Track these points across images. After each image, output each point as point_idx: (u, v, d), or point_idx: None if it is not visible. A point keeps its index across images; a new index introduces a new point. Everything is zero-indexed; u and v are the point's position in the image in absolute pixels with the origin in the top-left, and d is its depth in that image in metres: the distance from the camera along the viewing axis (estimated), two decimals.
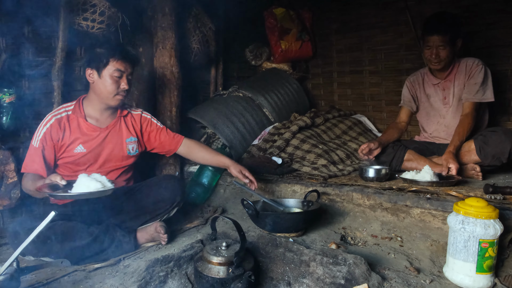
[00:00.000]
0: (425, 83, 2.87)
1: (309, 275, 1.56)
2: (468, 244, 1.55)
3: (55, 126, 2.05)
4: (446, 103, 2.78)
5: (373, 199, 2.23)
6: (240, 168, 2.32)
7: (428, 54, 2.63)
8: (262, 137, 3.26)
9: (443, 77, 2.75)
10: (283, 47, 4.00)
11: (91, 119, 2.16)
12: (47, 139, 2.03)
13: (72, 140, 2.09)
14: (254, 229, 2.03)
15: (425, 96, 2.87)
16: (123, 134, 2.25)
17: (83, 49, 2.56)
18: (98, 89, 2.09)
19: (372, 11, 3.88)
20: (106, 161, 2.19)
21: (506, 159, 2.34)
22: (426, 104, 2.88)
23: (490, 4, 3.19)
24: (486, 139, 2.40)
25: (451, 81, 2.72)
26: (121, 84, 2.09)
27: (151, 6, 2.88)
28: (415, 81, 2.91)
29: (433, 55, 2.59)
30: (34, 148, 2.02)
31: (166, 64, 2.87)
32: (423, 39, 2.65)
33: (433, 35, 2.55)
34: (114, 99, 2.11)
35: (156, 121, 2.42)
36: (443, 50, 2.57)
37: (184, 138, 2.45)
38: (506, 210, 1.86)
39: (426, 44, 2.61)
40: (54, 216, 1.44)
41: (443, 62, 2.61)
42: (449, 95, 2.76)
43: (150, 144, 2.41)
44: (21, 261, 1.76)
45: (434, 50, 2.57)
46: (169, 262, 1.59)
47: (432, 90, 2.83)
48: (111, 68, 2.06)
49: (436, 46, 2.56)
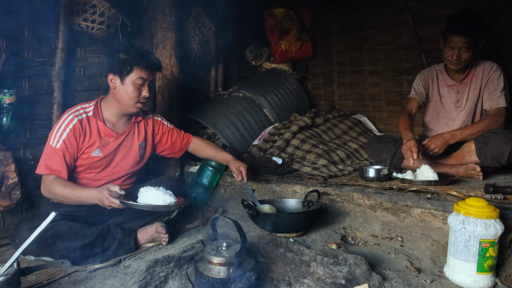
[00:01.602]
0: (439, 81, 2.76)
1: (309, 275, 1.56)
2: (469, 244, 1.54)
3: (77, 127, 2.02)
4: (458, 106, 2.69)
5: (374, 199, 2.23)
6: (238, 164, 2.32)
7: (449, 54, 2.50)
8: (262, 137, 3.26)
9: (459, 79, 2.65)
10: (283, 47, 4.00)
11: (109, 123, 2.14)
12: (71, 139, 1.99)
13: (91, 143, 2.07)
14: (255, 229, 2.03)
15: (438, 95, 2.77)
16: (136, 140, 2.25)
17: (105, 53, 2.51)
18: (120, 95, 2.07)
19: (372, 11, 3.88)
20: (117, 166, 2.19)
21: (505, 161, 2.31)
22: (437, 104, 2.78)
23: (490, 4, 3.19)
24: (486, 140, 2.38)
25: (466, 84, 2.63)
26: (143, 92, 2.07)
27: (151, 6, 2.89)
28: (429, 76, 2.79)
29: (454, 56, 2.46)
30: (54, 149, 1.96)
31: (166, 64, 2.87)
32: (445, 37, 2.51)
33: (458, 35, 2.40)
34: (135, 106, 2.10)
35: (166, 122, 2.43)
36: (465, 52, 2.44)
37: (193, 137, 2.50)
38: (506, 210, 1.85)
39: (448, 43, 2.48)
40: (55, 217, 1.44)
41: (463, 64, 2.51)
42: (462, 99, 2.66)
43: (161, 146, 2.42)
44: (22, 261, 1.76)
45: (456, 52, 2.44)
46: (169, 263, 1.59)
47: (445, 91, 2.73)
48: (134, 76, 2.03)
49: (459, 48, 2.43)
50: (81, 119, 2.05)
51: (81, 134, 2.03)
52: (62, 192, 1.90)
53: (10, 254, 1.84)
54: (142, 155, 2.30)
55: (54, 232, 1.81)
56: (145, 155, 2.33)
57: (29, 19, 2.36)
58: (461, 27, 2.40)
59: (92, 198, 1.86)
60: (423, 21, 3.54)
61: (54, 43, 2.49)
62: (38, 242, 1.69)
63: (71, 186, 1.92)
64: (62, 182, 1.93)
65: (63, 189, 1.90)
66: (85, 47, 2.69)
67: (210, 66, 3.62)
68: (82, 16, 2.46)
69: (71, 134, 1.99)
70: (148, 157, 2.35)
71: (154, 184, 2.19)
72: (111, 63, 2.07)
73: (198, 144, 2.49)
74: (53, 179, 1.93)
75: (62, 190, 1.90)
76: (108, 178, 2.17)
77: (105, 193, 1.81)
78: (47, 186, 1.94)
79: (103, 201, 1.82)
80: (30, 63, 2.44)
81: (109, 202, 1.81)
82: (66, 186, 1.91)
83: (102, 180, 2.15)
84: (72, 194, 1.89)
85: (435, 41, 3.46)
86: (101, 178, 2.15)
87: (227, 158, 2.42)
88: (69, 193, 1.89)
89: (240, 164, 2.32)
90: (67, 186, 1.91)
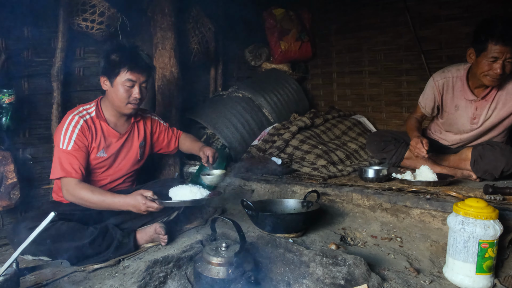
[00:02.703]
0: (456, 91, 2.45)
1: (309, 275, 1.56)
2: (468, 244, 1.55)
3: (85, 127, 2.02)
4: (473, 123, 2.45)
5: (373, 200, 2.23)
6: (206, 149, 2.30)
7: (491, 67, 2.15)
8: (262, 137, 3.26)
9: (480, 95, 2.37)
10: (282, 47, 4.00)
11: (111, 124, 2.15)
12: (82, 139, 1.99)
13: (97, 143, 2.08)
14: (254, 229, 2.03)
15: (453, 107, 2.50)
16: (137, 139, 2.27)
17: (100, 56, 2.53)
18: (111, 97, 2.07)
19: (372, 11, 3.89)
20: (119, 165, 2.20)
21: (498, 175, 2.29)
22: (451, 116, 2.53)
23: (490, 4, 3.19)
24: (483, 152, 2.33)
25: (488, 101, 2.36)
26: (133, 93, 2.06)
27: (151, 6, 2.88)
28: (443, 86, 2.49)
29: (498, 69, 2.12)
30: (67, 152, 1.94)
31: (166, 64, 2.87)
32: (482, 47, 2.15)
33: (505, 45, 2.07)
34: (126, 108, 2.10)
35: (162, 121, 2.46)
36: (510, 64, 2.12)
37: (182, 133, 2.53)
38: (505, 210, 1.86)
39: (489, 54, 2.13)
40: (54, 217, 1.44)
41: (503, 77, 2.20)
42: (480, 116, 2.41)
43: (159, 145, 2.44)
44: (21, 261, 1.76)
45: (501, 64, 2.11)
46: (168, 263, 1.59)
47: (463, 104, 2.45)
48: (122, 78, 2.02)
49: (505, 59, 2.11)
50: (86, 120, 2.05)
51: (89, 134, 2.04)
52: (91, 198, 1.89)
53: (9, 254, 1.83)
54: (142, 154, 2.32)
55: (52, 232, 1.81)
56: (145, 154, 2.35)
57: (29, 19, 2.36)
58: (508, 34, 2.07)
59: (125, 206, 1.88)
60: (423, 21, 3.54)
61: (53, 43, 2.49)
62: (37, 242, 1.69)
63: (99, 191, 1.92)
64: (89, 187, 1.92)
65: (92, 195, 1.89)
66: (85, 47, 2.69)
67: (210, 66, 3.62)
68: (81, 16, 2.46)
69: (81, 134, 1.99)
70: (147, 155, 2.38)
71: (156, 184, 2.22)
72: (102, 65, 2.07)
73: (182, 139, 2.52)
74: (77, 182, 1.91)
75: (91, 196, 1.89)
76: (110, 178, 2.18)
77: (140, 199, 1.84)
78: (72, 190, 1.91)
79: (140, 207, 1.85)
80: (30, 63, 2.43)
81: (146, 207, 1.85)
82: (95, 191, 1.91)
83: (105, 179, 2.17)
84: (102, 201, 1.89)
85: (434, 42, 3.50)
86: (104, 178, 2.16)
87: (199, 145, 2.40)
88: (98, 199, 1.88)
89: (207, 148, 2.31)
90: (95, 192, 1.90)
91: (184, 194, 1.94)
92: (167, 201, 1.90)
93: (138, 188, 2.20)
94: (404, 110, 3.78)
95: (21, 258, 1.83)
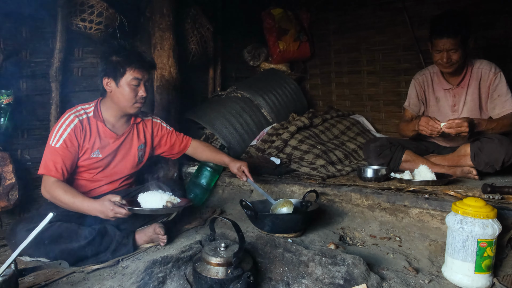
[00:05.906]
0: (434, 84, 2.70)
1: (308, 275, 1.56)
2: (467, 244, 1.55)
3: (78, 127, 2.01)
4: (454, 110, 2.64)
5: (372, 199, 2.24)
6: (239, 164, 2.32)
7: (438, 58, 2.45)
8: (261, 137, 3.26)
9: (455, 83, 2.60)
10: (281, 47, 4.00)
11: (109, 124, 2.14)
12: (72, 139, 1.98)
13: (91, 144, 2.06)
14: (253, 229, 2.03)
15: (434, 99, 2.72)
16: (136, 142, 2.25)
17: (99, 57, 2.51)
18: (117, 98, 2.06)
19: (370, 11, 3.89)
20: (116, 167, 2.18)
21: (499, 167, 2.30)
22: (434, 108, 2.74)
23: (488, 4, 3.20)
24: (482, 145, 2.35)
25: (463, 87, 2.57)
26: (139, 92, 2.06)
27: (149, 7, 2.88)
28: (424, 82, 2.74)
29: (444, 59, 2.42)
30: (54, 149, 1.94)
31: (164, 65, 2.86)
32: (431, 41, 2.47)
33: (443, 38, 2.36)
34: (133, 107, 2.09)
35: (165, 124, 2.43)
36: (454, 53, 2.39)
37: (192, 139, 2.49)
38: (504, 209, 1.86)
39: (435, 48, 2.44)
40: (52, 217, 1.44)
41: (456, 65, 2.45)
42: (459, 103, 2.61)
43: (160, 148, 2.42)
44: (19, 262, 1.76)
45: (445, 54, 2.40)
46: (167, 263, 1.58)
47: (442, 94, 2.67)
48: (128, 77, 2.02)
49: (447, 50, 2.39)
50: (82, 119, 2.04)
51: (82, 134, 2.02)
52: (62, 198, 1.87)
53: (7, 256, 1.83)
54: (141, 157, 2.30)
55: (51, 233, 1.80)
56: (144, 157, 2.33)
57: (27, 19, 2.35)
58: (445, 28, 2.35)
59: (93, 211, 1.83)
60: (421, 21, 3.55)
61: (52, 43, 2.49)
62: (35, 243, 1.69)
63: (72, 193, 1.88)
64: (64, 187, 1.90)
65: (64, 194, 1.87)
66: (83, 47, 2.68)
67: (208, 66, 3.62)
68: (80, 16, 2.45)
69: (72, 133, 1.98)
70: (147, 159, 2.35)
71: (153, 185, 2.20)
72: (104, 67, 2.05)
73: (196, 147, 2.48)
74: (55, 181, 1.90)
75: (63, 195, 1.87)
76: (106, 180, 2.16)
77: (108, 205, 1.80)
78: (48, 188, 1.90)
79: (107, 213, 1.81)
80: (28, 63, 2.43)
81: (114, 213, 1.80)
82: (68, 192, 1.88)
83: (101, 181, 2.15)
84: (72, 203, 1.86)
85: None
86: (100, 179, 2.14)
87: (224, 160, 2.41)
88: (69, 200, 1.86)
89: (240, 163, 2.32)
90: (68, 193, 1.88)
91: (152, 201, 1.91)
92: (137, 208, 1.85)
93: (136, 189, 2.21)
94: (403, 109, 3.78)
95: (20, 259, 1.82)
